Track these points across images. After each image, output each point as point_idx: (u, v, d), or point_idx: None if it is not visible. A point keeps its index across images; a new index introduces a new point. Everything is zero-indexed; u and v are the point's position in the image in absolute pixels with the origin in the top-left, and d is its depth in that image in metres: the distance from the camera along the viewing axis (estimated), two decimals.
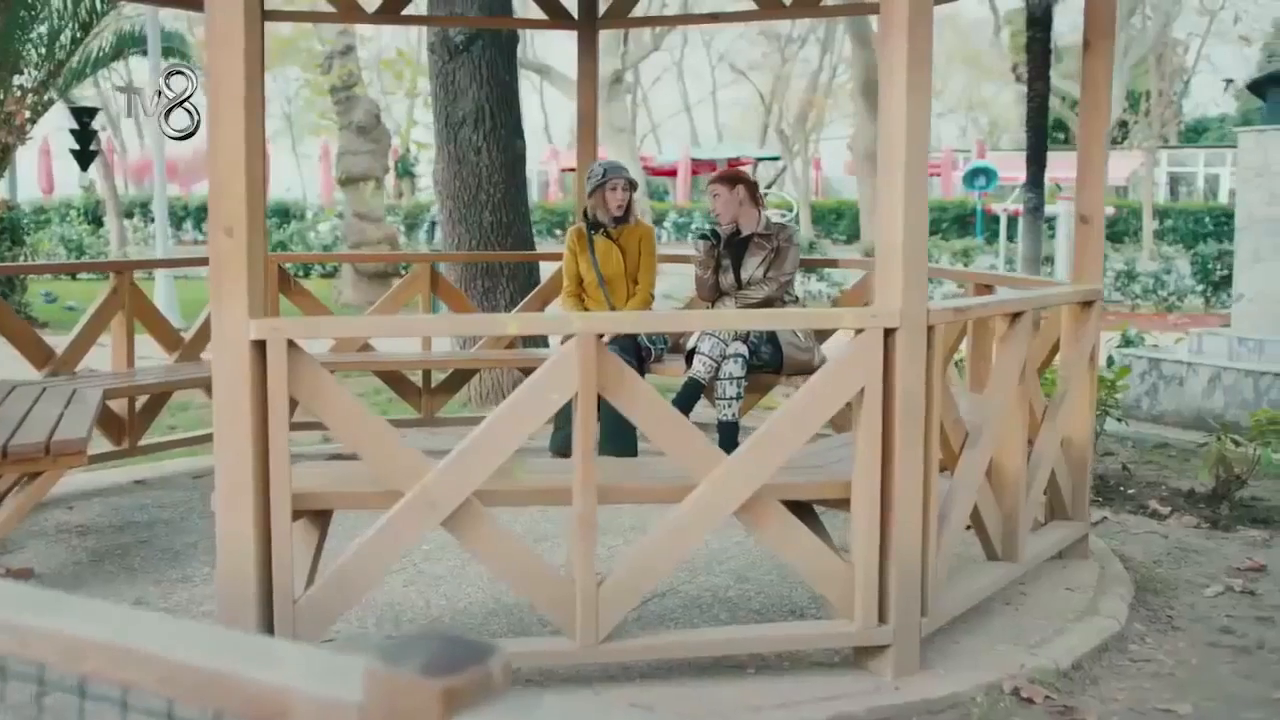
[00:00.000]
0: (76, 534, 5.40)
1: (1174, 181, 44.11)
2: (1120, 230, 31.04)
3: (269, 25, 7.19)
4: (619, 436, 6.50)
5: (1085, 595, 4.64)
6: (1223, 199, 41.29)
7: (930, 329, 3.73)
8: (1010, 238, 19.00)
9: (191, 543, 5.27)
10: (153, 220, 27.63)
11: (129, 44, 17.67)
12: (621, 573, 3.61)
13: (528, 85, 37.05)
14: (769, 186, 37.42)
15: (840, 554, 3.82)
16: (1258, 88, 8.51)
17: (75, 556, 5.08)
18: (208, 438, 6.98)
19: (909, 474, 3.69)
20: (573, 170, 32.22)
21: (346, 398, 3.50)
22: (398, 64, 31.91)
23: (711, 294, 6.72)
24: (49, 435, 4.50)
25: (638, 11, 8.18)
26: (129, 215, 28.73)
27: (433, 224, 20.78)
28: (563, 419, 6.57)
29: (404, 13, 7.50)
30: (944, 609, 4.00)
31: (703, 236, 6.64)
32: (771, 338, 6.26)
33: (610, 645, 3.60)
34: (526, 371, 7.55)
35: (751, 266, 6.46)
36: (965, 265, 19.46)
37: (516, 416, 3.52)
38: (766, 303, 6.42)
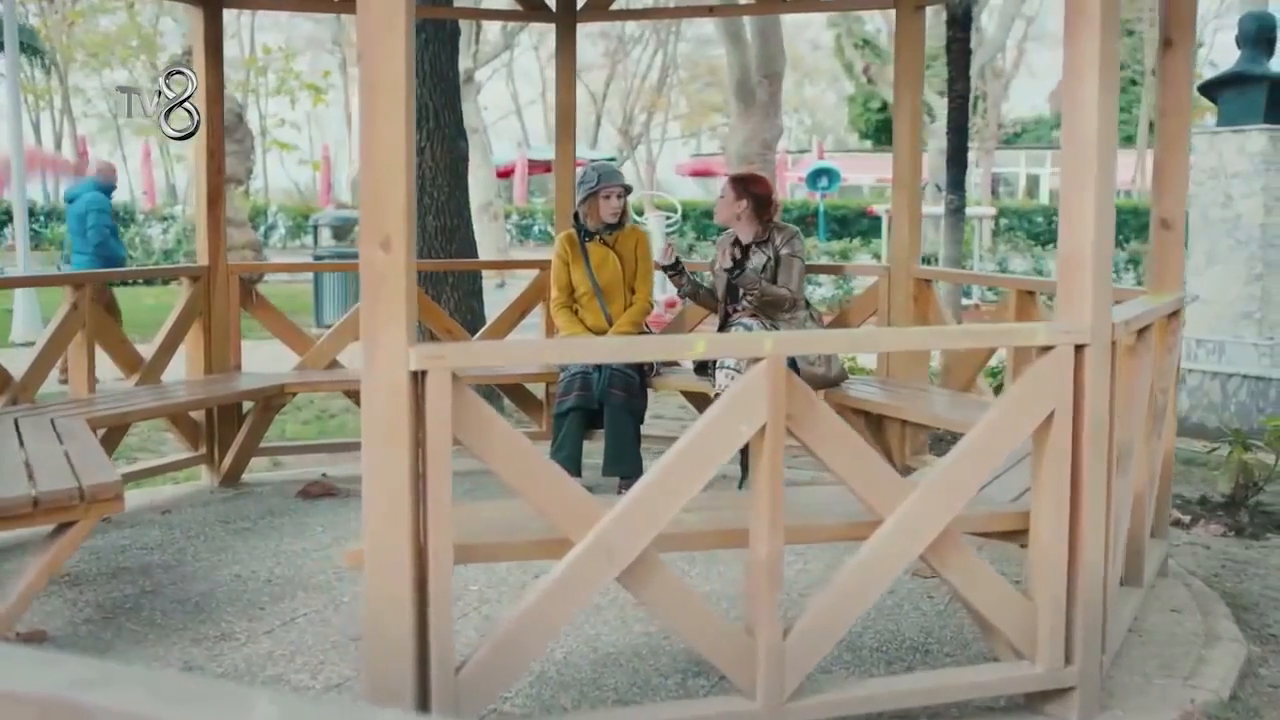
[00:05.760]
0: (67, 585, 4.76)
1: (995, 182, 45.60)
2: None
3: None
4: (621, 458, 6.11)
5: (1193, 617, 4.46)
6: (1043, 199, 42.69)
7: (1113, 344, 3.48)
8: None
9: (206, 591, 4.69)
10: None
11: None
12: (809, 623, 3.25)
13: None
14: None
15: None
16: (1209, 90, 8.56)
17: (81, 613, 4.46)
18: (166, 469, 6.39)
19: (1095, 504, 3.43)
20: None
21: (515, 437, 3.05)
22: (266, 60, 30.59)
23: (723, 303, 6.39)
24: (77, 480, 3.91)
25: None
26: None
27: (315, 227, 19.74)
28: (563, 438, 6.14)
29: None
30: (1114, 645, 3.75)
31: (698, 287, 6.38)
32: None
33: (798, 704, 3.24)
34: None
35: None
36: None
37: (701, 453, 3.12)
38: (777, 302, 6.09)
